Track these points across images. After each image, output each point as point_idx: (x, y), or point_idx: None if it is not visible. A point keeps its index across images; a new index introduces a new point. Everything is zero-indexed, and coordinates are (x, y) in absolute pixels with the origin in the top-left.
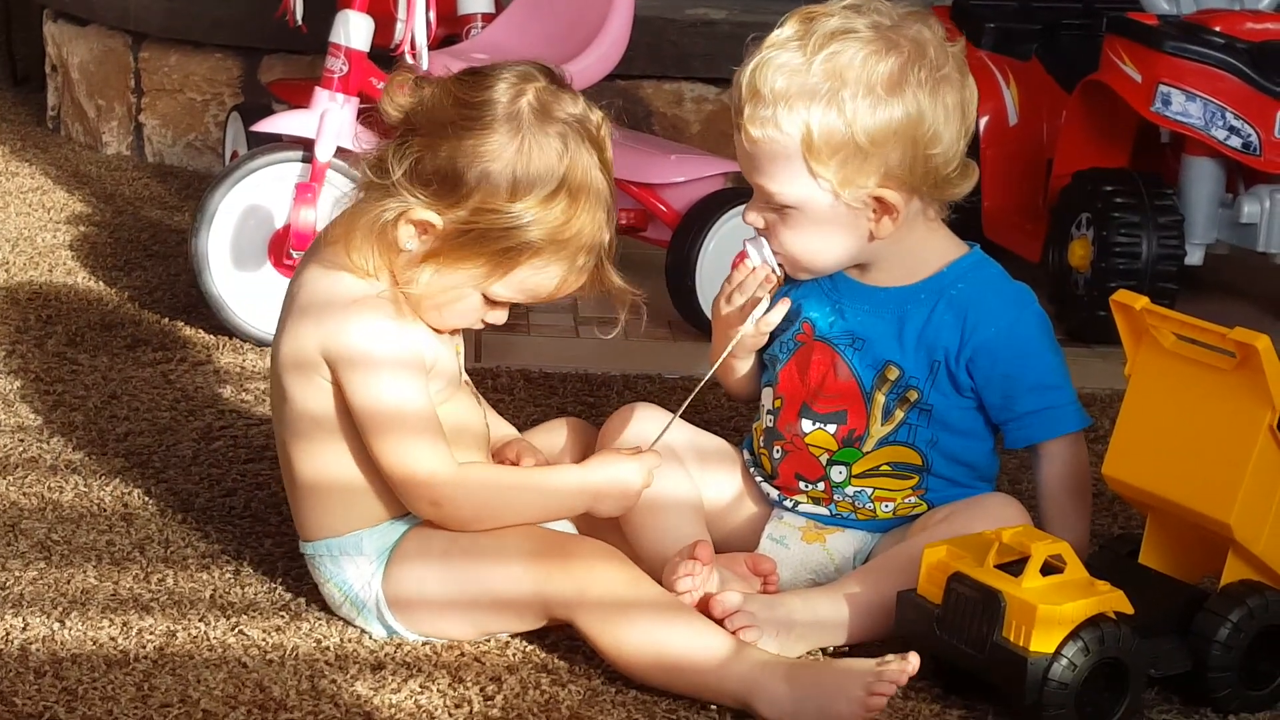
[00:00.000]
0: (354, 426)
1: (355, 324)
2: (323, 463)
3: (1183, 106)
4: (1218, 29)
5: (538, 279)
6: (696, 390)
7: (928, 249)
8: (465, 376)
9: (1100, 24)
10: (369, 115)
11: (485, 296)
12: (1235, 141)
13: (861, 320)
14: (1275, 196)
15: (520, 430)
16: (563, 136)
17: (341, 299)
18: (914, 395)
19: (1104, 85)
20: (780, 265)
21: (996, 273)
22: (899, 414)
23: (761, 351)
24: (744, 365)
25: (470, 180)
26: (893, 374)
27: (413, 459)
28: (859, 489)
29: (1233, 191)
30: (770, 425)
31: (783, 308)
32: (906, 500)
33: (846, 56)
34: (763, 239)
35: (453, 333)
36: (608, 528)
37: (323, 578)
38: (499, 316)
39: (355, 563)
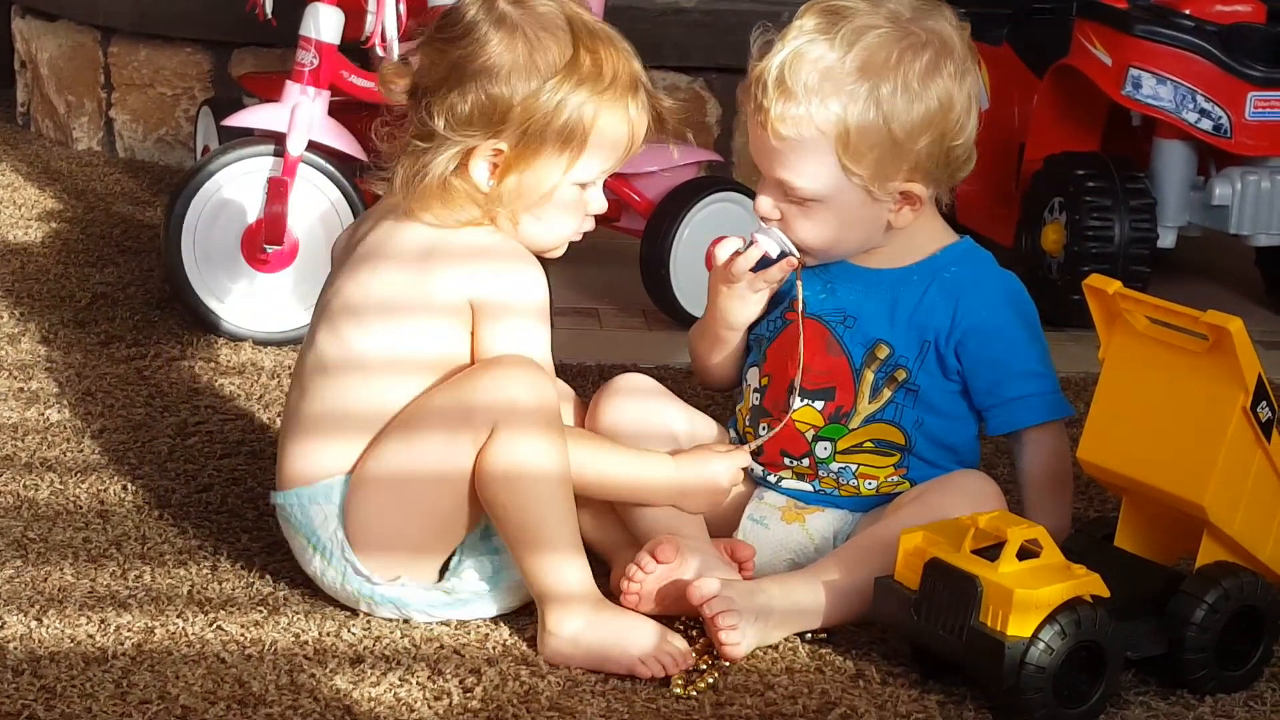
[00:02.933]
0: (414, 369)
1: (519, 273)
2: (354, 397)
3: (1153, 90)
4: (1187, 12)
5: (613, 135)
6: (793, 407)
7: (924, 234)
8: None
9: (1070, 8)
10: (369, 117)
11: (581, 188)
12: (1206, 124)
13: (854, 299)
14: (1246, 178)
15: None
16: (550, 4)
17: (496, 248)
18: (902, 375)
19: (1075, 69)
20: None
21: (988, 259)
22: (886, 392)
23: (747, 333)
24: (729, 348)
25: (505, 92)
26: (883, 352)
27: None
28: (843, 465)
29: (1204, 174)
30: (757, 403)
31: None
32: (889, 479)
33: (883, 52)
34: (774, 227)
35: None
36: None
37: (292, 529)
38: (599, 201)
39: (322, 509)
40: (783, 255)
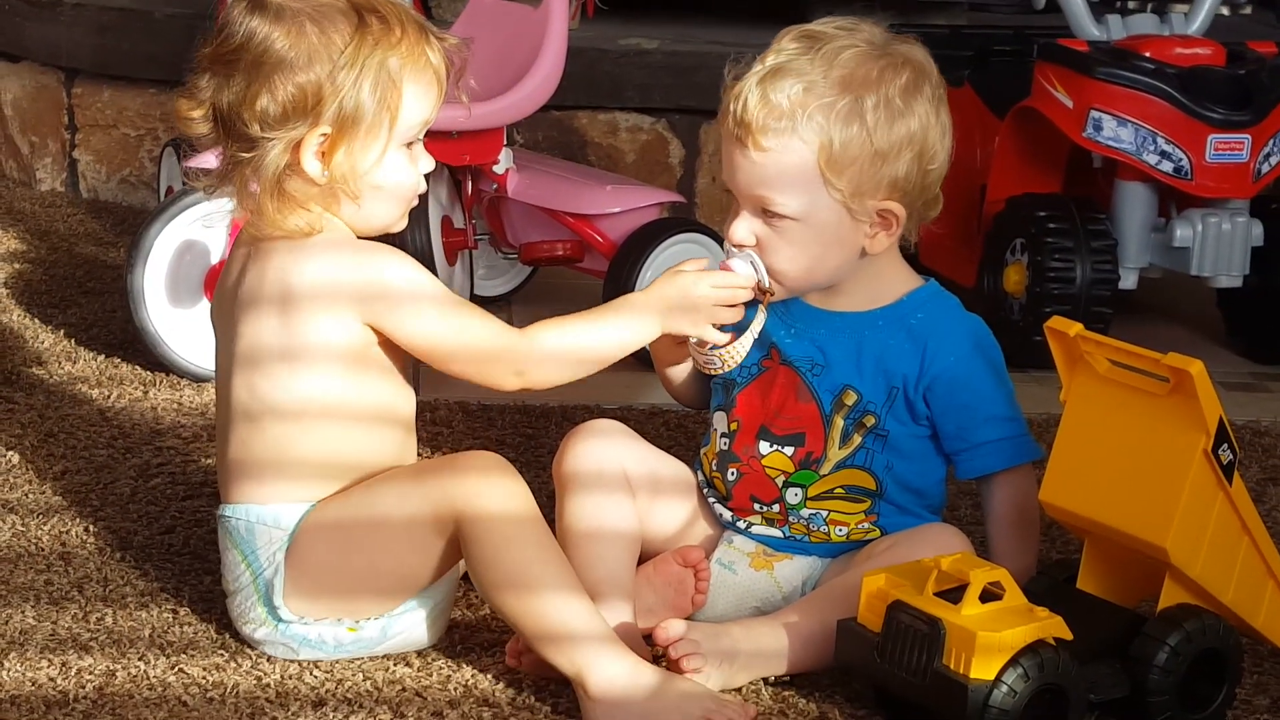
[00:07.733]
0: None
1: (379, 260)
2: (301, 433)
3: (1114, 132)
4: (1148, 54)
5: (422, 82)
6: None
7: (890, 277)
8: None
9: (1031, 50)
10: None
11: (408, 147)
12: (1167, 166)
13: (819, 344)
14: (1207, 220)
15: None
16: None
17: (354, 246)
18: (871, 421)
19: (1036, 111)
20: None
21: (954, 304)
22: (856, 438)
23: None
24: (685, 370)
25: (311, 77)
26: (850, 399)
27: (480, 340)
28: (814, 511)
29: (1165, 216)
30: (725, 448)
31: (761, 317)
32: (860, 525)
33: (864, 68)
34: (750, 253)
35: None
36: None
37: (230, 543)
38: (428, 162)
39: (269, 530)
40: (746, 326)
